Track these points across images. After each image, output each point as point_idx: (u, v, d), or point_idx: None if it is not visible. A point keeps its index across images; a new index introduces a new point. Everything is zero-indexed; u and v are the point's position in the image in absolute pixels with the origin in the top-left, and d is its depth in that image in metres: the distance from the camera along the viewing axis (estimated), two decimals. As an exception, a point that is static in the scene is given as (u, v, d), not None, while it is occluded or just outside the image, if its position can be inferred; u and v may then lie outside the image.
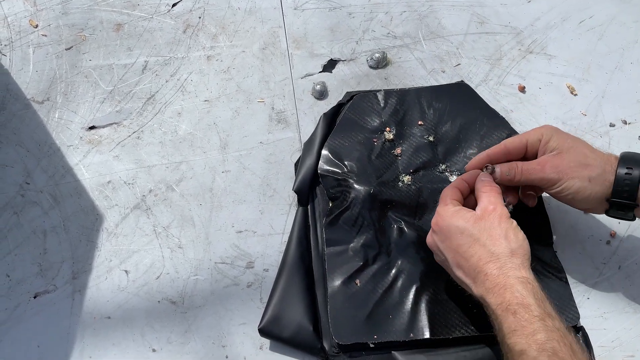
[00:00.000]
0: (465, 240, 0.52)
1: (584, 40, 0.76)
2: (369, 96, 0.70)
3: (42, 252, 0.63)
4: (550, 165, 0.55)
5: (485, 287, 0.50)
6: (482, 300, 0.51)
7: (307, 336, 0.57)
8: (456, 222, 0.53)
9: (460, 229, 0.52)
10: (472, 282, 0.51)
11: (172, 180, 0.67)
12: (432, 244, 0.56)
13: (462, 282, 0.53)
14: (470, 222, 0.52)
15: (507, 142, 0.59)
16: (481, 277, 0.50)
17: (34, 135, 0.69)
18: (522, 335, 0.46)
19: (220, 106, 0.72)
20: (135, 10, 0.78)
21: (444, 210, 0.54)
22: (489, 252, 0.51)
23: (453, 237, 0.53)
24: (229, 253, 0.63)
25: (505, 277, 0.49)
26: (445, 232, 0.53)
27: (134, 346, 0.58)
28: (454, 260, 0.53)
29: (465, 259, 0.52)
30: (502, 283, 0.49)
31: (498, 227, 0.51)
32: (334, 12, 0.78)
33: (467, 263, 0.51)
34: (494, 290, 0.49)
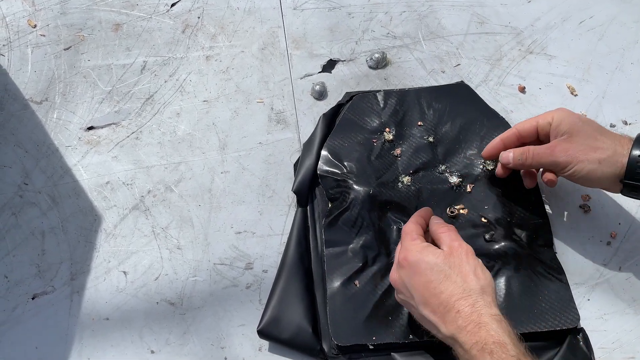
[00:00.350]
0: (435, 276, 0.49)
1: (585, 41, 0.76)
2: (369, 97, 0.69)
3: (40, 253, 0.63)
4: (559, 149, 0.57)
5: (457, 324, 0.47)
6: (452, 340, 0.48)
7: (306, 338, 0.57)
8: (426, 257, 0.50)
9: (431, 265, 0.50)
10: (440, 320, 0.49)
11: (170, 181, 0.67)
12: (398, 281, 0.52)
13: (427, 322, 0.50)
14: (440, 258, 0.50)
15: (519, 126, 0.61)
16: (452, 315, 0.48)
17: (32, 135, 0.69)
18: None
19: (219, 106, 0.72)
20: (134, 10, 0.78)
21: (413, 245, 0.52)
22: (461, 288, 0.48)
23: (422, 272, 0.50)
24: (228, 254, 0.63)
25: (479, 314, 0.47)
26: (414, 267, 0.51)
27: (133, 347, 0.58)
28: (421, 298, 0.50)
29: (434, 296, 0.49)
30: (476, 321, 0.47)
31: (467, 263, 0.50)
32: (334, 12, 0.78)
33: (436, 300, 0.49)
34: (467, 328, 0.47)
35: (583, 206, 0.65)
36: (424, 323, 0.51)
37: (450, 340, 0.49)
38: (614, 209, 0.65)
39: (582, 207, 0.65)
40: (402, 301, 0.54)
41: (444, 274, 0.49)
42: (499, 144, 0.61)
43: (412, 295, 0.51)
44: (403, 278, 0.52)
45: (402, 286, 0.52)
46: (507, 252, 0.60)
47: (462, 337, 0.47)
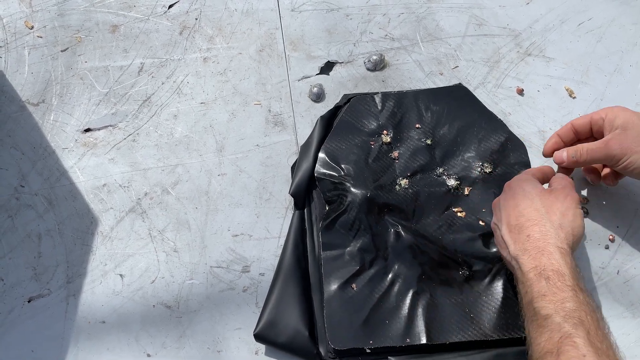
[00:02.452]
0: (525, 202, 0.54)
1: (583, 43, 0.76)
2: (367, 99, 0.69)
3: (36, 255, 0.62)
4: (614, 142, 0.58)
5: (523, 246, 0.51)
6: (514, 261, 0.52)
7: (303, 341, 0.57)
8: (526, 185, 0.55)
9: (526, 192, 0.55)
10: (512, 240, 0.53)
11: (167, 184, 0.67)
12: (495, 203, 0.57)
13: (501, 242, 0.54)
14: (537, 191, 0.55)
15: (574, 120, 0.62)
16: (522, 237, 0.52)
17: (29, 137, 0.69)
18: (551, 301, 0.47)
19: (216, 108, 0.71)
20: (131, 11, 0.78)
21: (521, 175, 0.58)
22: (540, 217, 0.52)
23: (517, 196, 0.55)
24: (224, 257, 0.63)
25: (546, 242, 0.51)
26: (512, 191, 0.56)
27: (129, 351, 0.58)
28: (505, 217, 0.54)
29: (515, 217, 0.53)
30: (542, 247, 0.50)
31: (561, 203, 0.54)
32: (331, 14, 0.78)
33: (515, 221, 0.53)
34: (531, 252, 0.51)
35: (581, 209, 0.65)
36: (498, 244, 0.56)
37: (514, 262, 0.52)
38: (612, 213, 0.65)
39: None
40: (493, 225, 0.57)
41: (532, 203, 0.54)
42: (557, 139, 0.63)
43: (501, 216, 0.55)
44: (500, 199, 0.57)
45: (497, 207, 0.57)
46: (504, 256, 0.60)
47: (524, 260, 0.51)
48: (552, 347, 0.45)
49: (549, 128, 0.70)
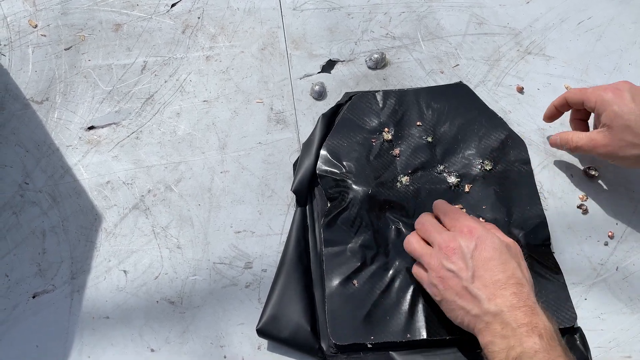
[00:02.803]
0: (498, 256, 0.51)
1: (583, 42, 0.76)
2: (368, 96, 0.70)
3: (41, 252, 0.63)
4: (600, 144, 0.60)
5: (510, 303, 0.49)
6: (491, 316, 0.49)
7: (305, 336, 0.57)
8: (493, 237, 0.53)
9: (495, 245, 0.52)
10: (488, 295, 0.50)
11: (170, 181, 0.67)
12: (455, 248, 0.52)
13: (465, 297, 0.51)
14: (503, 244, 0.53)
15: (568, 95, 0.64)
16: (506, 293, 0.49)
17: (33, 135, 0.70)
18: (544, 358, 0.46)
19: (219, 106, 0.72)
20: (134, 10, 0.79)
21: (478, 223, 0.54)
22: (520, 275, 0.51)
23: (487, 248, 0.51)
24: (227, 253, 0.63)
25: (534, 302, 0.49)
26: (480, 240, 0.52)
27: (133, 346, 0.59)
28: (476, 270, 0.51)
29: (492, 272, 0.50)
30: (532, 307, 0.49)
31: (522, 259, 0.54)
32: (333, 13, 0.79)
33: (492, 277, 0.50)
34: (522, 309, 0.48)
35: (580, 206, 0.65)
36: (454, 297, 0.51)
37: (488, 317, 0.49)
38: (611, 209, 0.65)
39: (579, 207, 0.65)
40: (437, 271, 0.52)
41: (504, 258, 0.51)
42: (553, 109, 0.66)
43: (467, 267, 0.51)
44: (463, 248, 0.52)
45: (458, 255, 0.52)
46: (504, 252, 0.60)
47: (512, 315, 0.48)
48: None
49: (549, 126, 0.70)
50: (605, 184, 0.67)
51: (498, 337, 0.49)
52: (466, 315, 0.51)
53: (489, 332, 0.49)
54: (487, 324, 0.50)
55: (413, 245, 0.56)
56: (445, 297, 0.52)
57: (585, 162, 0.68)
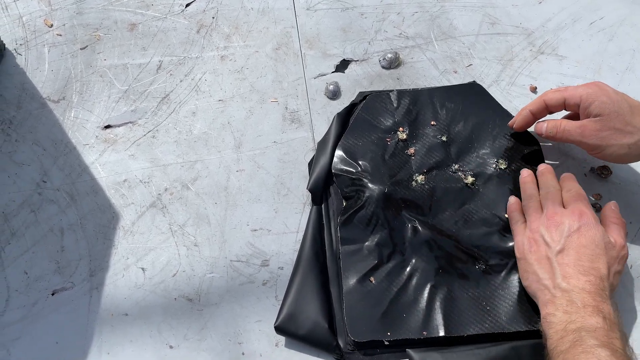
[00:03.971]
0: (593, 248, 0.54)
1: (595, 41, 0.77)
2: (382, 96, 0.70)
3: (59, 249, 0.63)
4: (590, 131, 0.58)
5: (582, 286, 0.52)
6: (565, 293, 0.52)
7: (323, 334, 0.58)
8: (599, 231, 0.55)
9: (598, 239, 0.54)
10: (564, 274, 0.53)
11: (187, 179, 0.68)
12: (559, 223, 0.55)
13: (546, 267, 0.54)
14: (606, 241, 0.55)
15: (546, 97, 0.62)
16: (583, 279, 0.52)
17: (50, 134, 0.70)
18: (602, 335, 0.48)
19: (234, 106, 0.72)
20: (149, 10, 0.79)
21: (592, 213, 0.56)
22: (606, 274, 0.53)
23: (587, 236, 0.54)
24: (244, 251, 0.64)
25: (606, 296, 0.52)
26: (585, 228, 0.54)
27: (151, 342, 0.59)
28: (565, 249, 0.54)
29: (578, 257, 0.53)
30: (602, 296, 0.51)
31: (619, 265, 0.55)
32: (346, 13, 0.79)
33: (577, 261, 0.53)
34: (592, 294, 0.51)
35: (594, 205, 0.66)
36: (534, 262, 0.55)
37: (557, 291, 0.52)
38: (624, 208, 0.65)
39: (593, 206, 0.66)
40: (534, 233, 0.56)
41: (598, 252, 0.53)
42: (529, 116, 0.64)
43: (560, 241, 0.54)
44: (566, 225, 0.55)
45: (559, 228, 0.55)
46: (520, 250, 0.61)
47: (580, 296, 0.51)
48: None
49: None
50: (619, 183, 0.67)
51: (560, 311, 0.51)
52: (536, 282, 0.54)
53: (552, 305, 0.52)
54: (553, 297, 0.52)
55: (529, 203, 0.59)
56: (527, 257, 0.56)
57: (599, 161, 0.68)
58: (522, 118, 0.64)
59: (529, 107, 0.63)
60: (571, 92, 0.60)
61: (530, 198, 0.60)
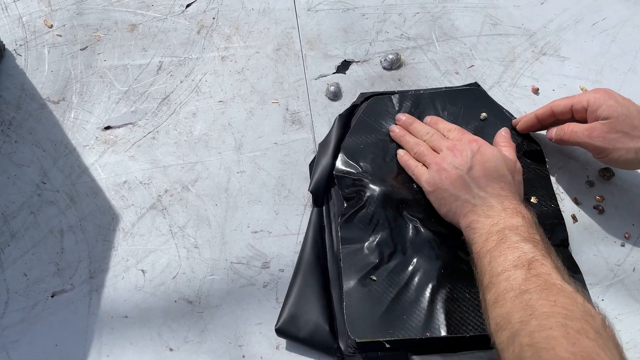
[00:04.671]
0: (495, 161, 0.58)
1: (597, 42, 0.76)
2: (384, 99, 0.70)
3: (59, 251, 0.63)
4: (597, 132, 0.59)
5: (497, 192, 0.56)
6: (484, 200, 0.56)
7: (324, 336, 0.58)
8: (495, 149, 0.59)
9: (495, 154, 0.58)
10: (478, 185, 0.57)
11: (187, 181, 0.67)
12: (462, 149, 0.59)
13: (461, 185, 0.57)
14: (503, 156, 0.59)
15: (554, 105, 0.64)
16: (497, 186, 0.56)
17: (49, 135, 0.70)
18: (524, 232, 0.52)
19: (234, 107, 0.72)
20: (149, 10, 0.79)
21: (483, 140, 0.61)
22: (512, 181, 0.57)
23: (487, 153, 0.58)
24: (244, 253, 0.63)
25: (520, 200, 0.57)
26: (484, 148, 0.59)
27: (151, 345, 0.59)
28: (473, 166, 0.57)
29: (486, 171, 0.57)
30: (517, 199, 0.56)
31: (518, 175, 0.60)
32: (347, 14, 0.79)
33: (486, 173, 0.57)
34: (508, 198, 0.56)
35: (597, 207, 0.65)
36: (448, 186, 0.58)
37: (476, 200, 0.56)
38: (628, 210, 0.66)
39: (596, 208, 0.65)
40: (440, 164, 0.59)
41: (500, 165, 0.58)
42: (534, 120, 0.65)
43: (466, 162, 0.58)
44: (467, 149, 0.59)
45: (463, 153, 0.59)
46: (522, 252, 0.60)
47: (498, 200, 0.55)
48: (522, 263, 0.49)
49: (564, 127, 0.70)
50: (622, 185, 0.67)
51: (482, 217, 0.55)
52: (455, 202, 0.57)
53: (474, 213, 0.56)
54: (474, 206, 0.56)
55: (420, 148, 0.63)
56: (440, 185, 0.59)
57: (601, 164, 0.68)
58: (526, 120, 0.66)
59: (536, 112, 0.65)
60: (578, 98, 0.61)
61: (418, 144, 0.64)
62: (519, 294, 0.47)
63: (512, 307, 0.47)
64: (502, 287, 0.49)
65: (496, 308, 0.49)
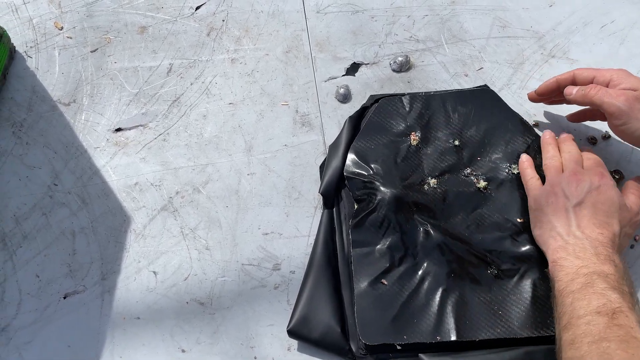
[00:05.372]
0: (609, 205, 0.56)
1: (606, 45, 0.76)
2: (395, 100, 0.70)
3: (71, 253, 0.64)
4: (623, 98, 0.58)
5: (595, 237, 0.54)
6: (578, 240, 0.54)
7: (335, 337, 0.58)
8: (617, 192, 0.57)
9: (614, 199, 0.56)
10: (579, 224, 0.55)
11: (198, 183, 0.68)
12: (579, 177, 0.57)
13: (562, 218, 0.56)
14: (623, 203, 0.57)
15: (577, 72, 0.63)
16: (597, 230, 0.54)
17: (61, 137, 0.70)
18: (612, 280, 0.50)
19: (244, 109, 0.72)
20: (159, 12, 0.79)
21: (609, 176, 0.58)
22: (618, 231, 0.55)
23: (605, 195, 0.56)
24: (255, 255, 0.64)
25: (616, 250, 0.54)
26: (606, 187, 0.56)
27: (164, 346, 0.59)
28: (583, 203, 0.56)
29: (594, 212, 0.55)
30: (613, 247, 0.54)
31: (629, 227, 0.57)
32: (357, 16, 0.79)
33: (592, 215, 0.55)
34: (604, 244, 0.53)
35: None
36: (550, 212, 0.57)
37: (570, 238, 0.55)
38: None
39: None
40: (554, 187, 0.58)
41: (613, 211, 0.56)
42: (554, 83, 0.65)
43: (578, 195, 0.56)
44: (587, 182, 0.57)
45: (580, 184, 0.57)
46: (532, 255, 0.61)
47: (593, 245, 0.53)
48: (607, 311, 0.48)
49: (573, 129, 0.70)
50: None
51: (572, 256, 0.53)
52: (550, 231, 0.56)
53: (564, 250, 0.54)
54: (565, 243, 0.55)
55: (551, 162, 0.61)
56: (543, 208, 0.58)
57: (611, 166, 0.68)
58: (547, 84, 0.66)
59: (557, 77, 0.65)
60: (602, 72, 0.61)
61: (553, 158, 0.62)
62: (598, 340, 0.46)
63: (587, 352, 0.46)
64: (582, 330, 0.48)
65: (571, 350, 0.48)
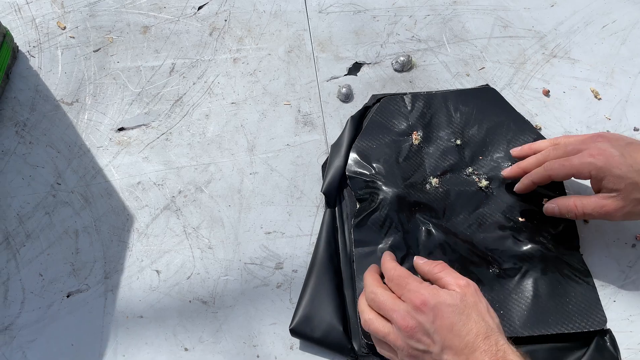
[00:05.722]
0: (457, 318, 0.49)
1: (607, 45, 0.77)
2: (396, 99, 0.70)
3: (74, 251, 0.64)
4: (614, 210, 0.56)
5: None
6: None
7: (338, 336, 0.58)
8: (445, 299, 0.49)
9: (452, 307, 0.49)
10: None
11: (201, 182, 0.68)
12: (415, 327, 0.49)
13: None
14: (457, 299, 0.50)
15: (552, 173, 0.59)
16: (478, 354, 0.47)
17: (63, 136, 0.70)
18: None
19: (247, 108, 0.73)
20: (161, 12, 0.79)
21: (425, 288, 0.51)
22: (484, 327, 0.48)
23: (445, 316, 0.49)
24: (258, 254, 0.64)
25: (504, 352, 0.47)
26: (435, 310, 0.49)
27: (167, 345, 0.59)
28: (444, 341, 0.48)
29: (459, 337, 0.48)
30: (503, 357, 0.47)
31: (480, 302, 0.50)
32: (358, 16, 0.79)
33: (460, 342, 0.48)
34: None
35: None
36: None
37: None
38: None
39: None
40: (407, 351, 0.50)
41: (465, 315, 0.49)
42: (530, 184, 0.61)
43: (433, 341, 0.49)
44: (423, 324, 0.49)
45: (421, 332, 0.49)
46: (534, 254, 0.61)
47: None
48: None
49: (575, 129, 0.71)
50: None
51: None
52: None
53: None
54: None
55: (375, 326, 0.52)
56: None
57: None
58: (524, 185, 0.62)
59: (532, 178, 0.61)
60: (578, 167, 0.57)
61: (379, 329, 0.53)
62: None
63: None
64: None
65: None
